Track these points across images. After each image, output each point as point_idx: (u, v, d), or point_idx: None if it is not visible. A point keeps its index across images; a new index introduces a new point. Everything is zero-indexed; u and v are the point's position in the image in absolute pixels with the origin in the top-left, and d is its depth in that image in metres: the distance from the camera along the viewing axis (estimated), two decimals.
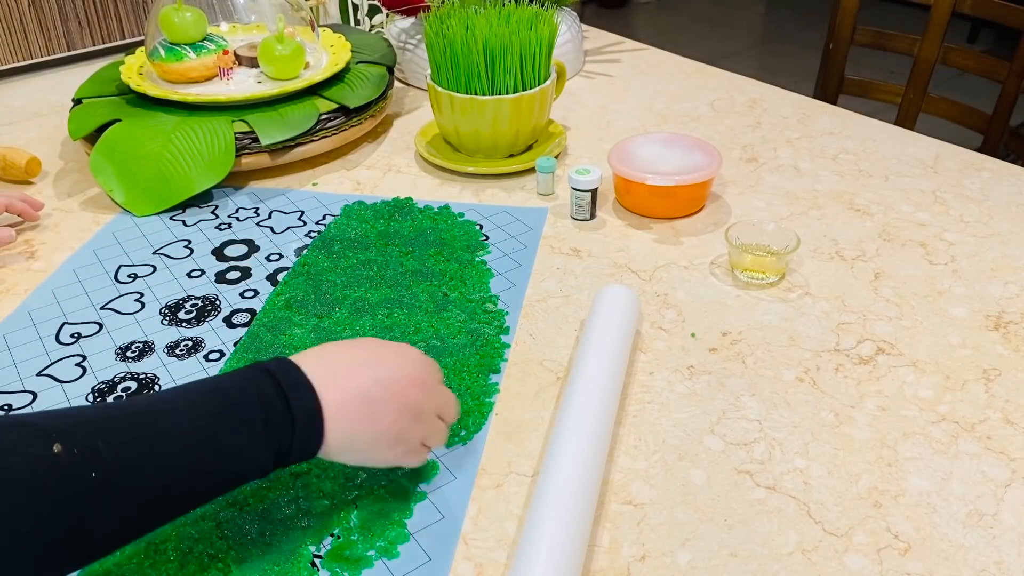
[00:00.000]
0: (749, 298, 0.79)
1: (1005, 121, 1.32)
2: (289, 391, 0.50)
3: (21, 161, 0.98)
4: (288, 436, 0.50)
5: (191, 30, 1.04)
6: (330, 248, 0.86)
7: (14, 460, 0.42)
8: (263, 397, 0.49)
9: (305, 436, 0.50)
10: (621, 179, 0.91)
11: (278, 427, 0.49)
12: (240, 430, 0.48)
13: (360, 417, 0.52)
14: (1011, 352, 0.72)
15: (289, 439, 0.50)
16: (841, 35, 1.44)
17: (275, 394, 0.50)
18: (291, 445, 0.50)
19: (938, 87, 1.36)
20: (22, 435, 0.43)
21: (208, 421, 0.48)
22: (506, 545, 0.56)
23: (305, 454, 0.51)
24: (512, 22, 0.95)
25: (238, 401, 0.49)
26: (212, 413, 0.48)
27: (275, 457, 0.50)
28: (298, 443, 0.50)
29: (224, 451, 0.48)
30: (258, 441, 0.49)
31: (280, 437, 0.49)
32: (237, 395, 0.49)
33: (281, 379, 0.51)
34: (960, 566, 0.55)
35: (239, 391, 0.50)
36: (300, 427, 0.50)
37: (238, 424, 0.48)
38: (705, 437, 0.64)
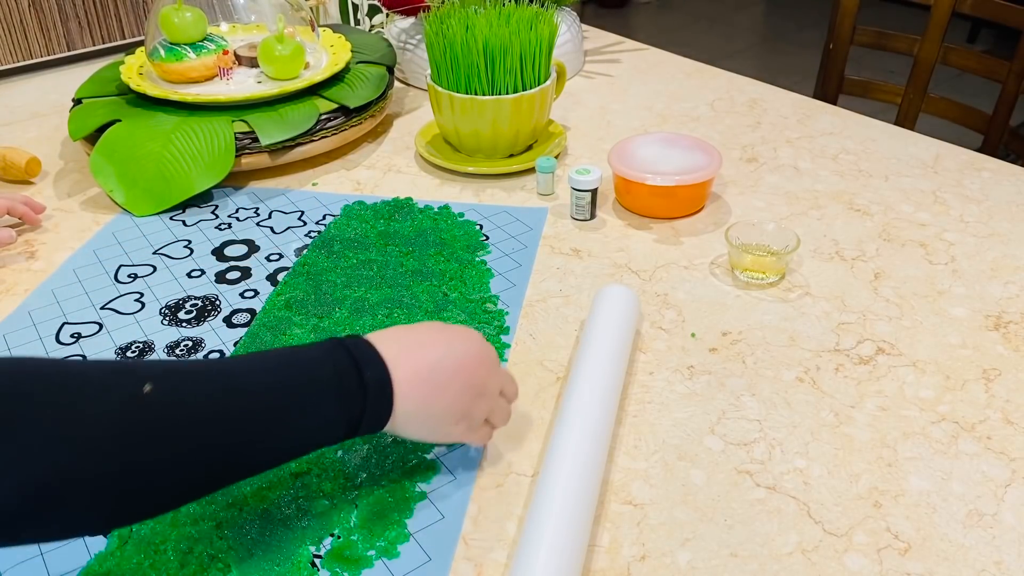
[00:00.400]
0: (749, 298, 0.79)
1: (1005, 121, 1.32)
2: (362, 362, 0.52)
3: (21, 161, 0.98)
4: (360, 405, 0.52)
5: (191, 30, 1.04)
6: (330, 248, 0.86)
7: (109, 397, 0.45)
8: (338, 366, 0.52)
9: (376, 406, 0.52)
10: (621, 179, 0.91)
11: (351, 395, 0.51)
12: (315, 395, 0.50)
13: (428, 391, 0.54)
14: (1011, 352, 0.72)
15: (361, 408, 0.52)
16: (841, 35, 1.44)
17: (349, 364, 0.52)
18: (362, 414, 0.52)
19: (938, 87, 1.36)
20: (118, 377, 0.46)
21: (286, 384, 0.50)
22: (506, 545, 0.56)
23: (375, 424, 0.53)
24: (512, 22, 0.95)
25: (314, 368, 0.51)
26: (290, 377, 0.51)
27: (346, 425, 0.51)
28: (369, 413, 0.52)
29: (300, 413, 0.50)
30: (331, 407, 0.51)
31: (352, 406, 0.51)
32: (314, 363, 0.52)
33: (354, 351, 0.53)
34: (960, 566, 0.55)
35: (316, 360, 0.52)
36: (372, 397, 0.52)
37: (314, 389, 0.50)
38: (705, 437, 0.64)
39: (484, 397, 0.57)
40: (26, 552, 0.56)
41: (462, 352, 0.56)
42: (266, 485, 0.60)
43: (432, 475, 0.61)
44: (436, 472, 0.61)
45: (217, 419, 0.47)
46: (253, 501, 0.58)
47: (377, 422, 0.53)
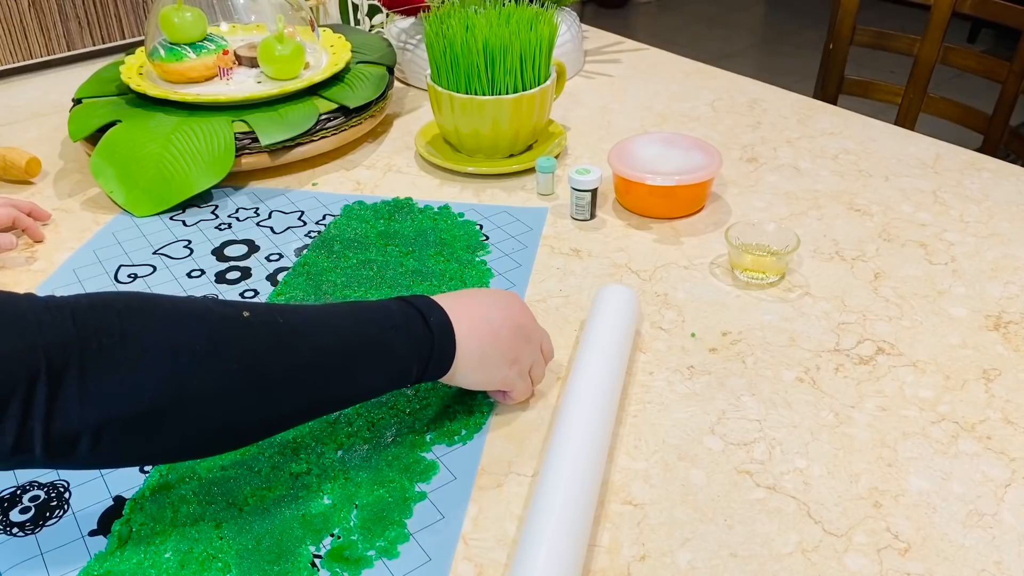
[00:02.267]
0: (749, 298, 0.79)
1: (1005, 121, 1.32)
2: (425, 311, 0.58)
3: (21, 161, 0.98)
4: (428, 347, 0.57)
5: (191, 30, 1.04)
6: (330, 248, 0.86)
7: (213, 316, 0.51)
8: (406, 313, 0.58)
9: (442, 346, 0.58)
10: (621, 179, 0.91)
11: (420, 337, 0.57)
12: (390, 334, 0.56)
13: (485, 335, 0.60)
14: (1011, 352, 0.72)
15: (429, 349, 0.57)
16: (841, 35, 1.44)
17: (414, 312, 0.58)
18: (430, 355, 0.58)
19: (938, 87, 1.36)
20: (220, 304, 0.52)
21: (364, 325, 0.56)
22: (506, 545, 0.56)
23: (443, 363, 0.59)
24: (512, 22, 0.95)
25: (387, 313, 0.57)
26: (366, 321, 0.56)
27: (418, 362, 0.57)
28: (436, 355, 0.58)
29: (380, 351, 0.56)
30: (405, 345, 0.57)
31: (422, 346, 0.57)
32: (384, 309, 0.58)
33: (416, 303, 0.59)
34: (960, 566, 0.55)
35: (385, 307, 0.58)
36: (438, 340, 0.58)
37: (389, 328, 0.56)
38: (705, 437, 0.64)
39: (530, 343, 0.64)
40: (26, 552, 0.56)
41: (508, 303, 0.64)
42: (266, 485, 0.60)
43: (432, 475, 0.61)
44: (436, 472, 0.61)
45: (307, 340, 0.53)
46: (253, 501, 0.59)
47: (443, 363, 0.59)
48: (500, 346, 0.61)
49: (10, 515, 0.58)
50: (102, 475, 0.61)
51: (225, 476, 0.60)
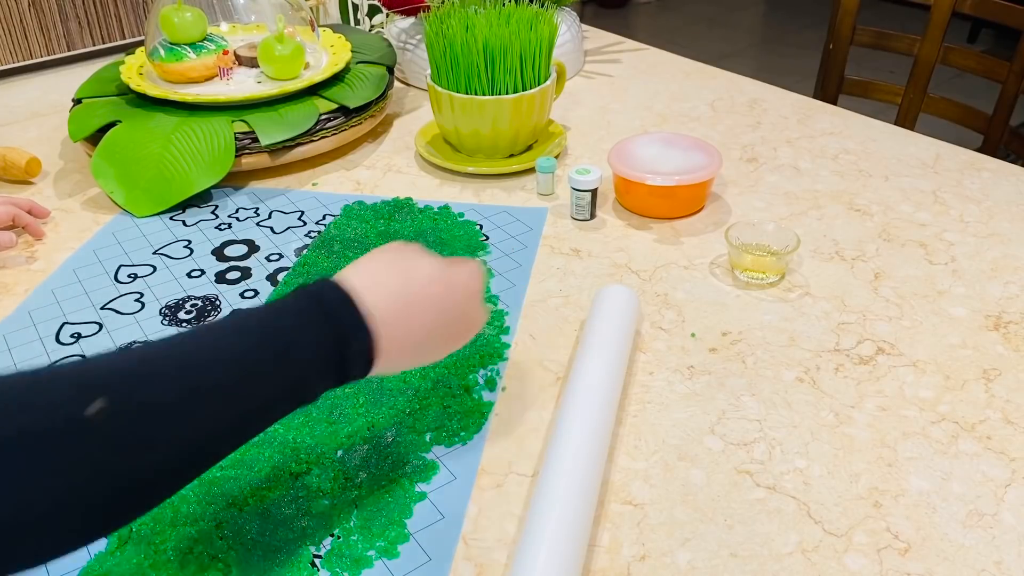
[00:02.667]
0: (749, 298, 0.79)
1: (1005, 121, 1.32)
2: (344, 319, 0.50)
3: (21, 161, 0.98)
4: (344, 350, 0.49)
5: (191, 30, 1.04)
6: (330, 248, 0.86)
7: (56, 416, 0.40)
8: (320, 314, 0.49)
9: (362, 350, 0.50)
10: (621, 179, 0.91)
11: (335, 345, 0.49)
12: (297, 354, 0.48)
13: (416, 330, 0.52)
14: (1011, 352, 0.72)
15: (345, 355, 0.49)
16: (841, 35, 1.44)
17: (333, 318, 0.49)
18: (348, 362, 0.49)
19: (938, 87, 1.36)
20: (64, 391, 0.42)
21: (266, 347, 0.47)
22: (506, 545, 0.56)
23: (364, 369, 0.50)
24: (512, 22, 0.95)
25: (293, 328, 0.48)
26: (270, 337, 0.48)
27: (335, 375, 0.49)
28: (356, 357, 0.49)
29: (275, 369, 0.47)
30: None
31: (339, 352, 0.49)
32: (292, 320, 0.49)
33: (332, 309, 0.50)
34: (960, 566, 0.55)
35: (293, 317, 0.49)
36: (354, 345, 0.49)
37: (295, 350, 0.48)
38: (705, 437, 0.64)
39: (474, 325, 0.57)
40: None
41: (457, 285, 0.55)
42: (266, 485, 0.60)
43: (432, 475, 0.61)
44: (436, 472, 0.61)
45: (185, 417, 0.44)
46: (253, 501, 0.58)
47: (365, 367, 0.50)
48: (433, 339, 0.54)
49: None
50: None
51: (225, 476, 0.60)
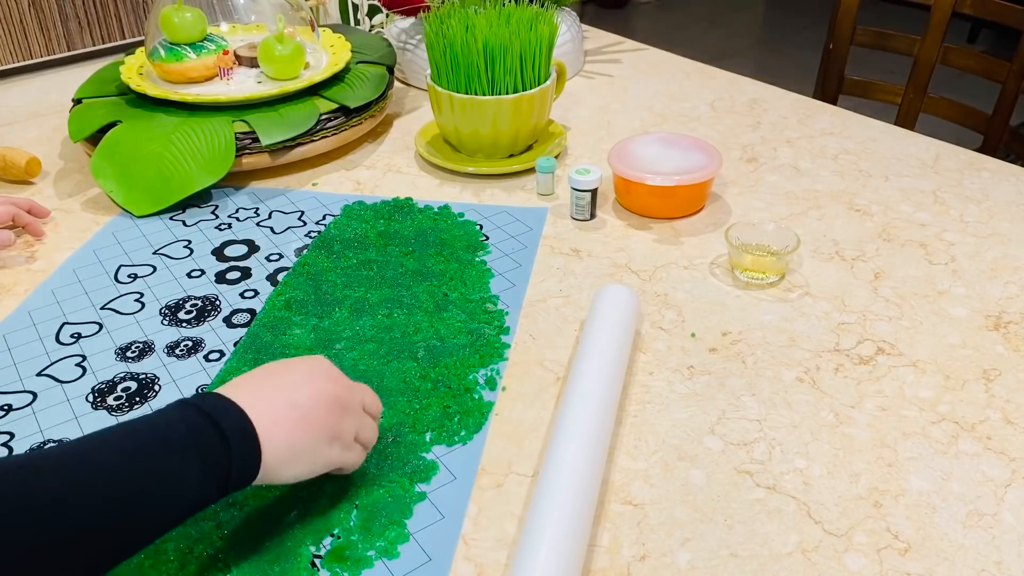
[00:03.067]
0: (749, 298, 0.79)
1: (1005, 121, 1.32)
2: (216, 414, 0.49)
3: (21, 161, 0.98)
4: (225, 456, 0.49)
5: (191, 30, 1.04)
6: (330, 248, 0.86)
7: None
8: (191, 424, 0.49)
9: (243, 452, 0.49)
10: (621, 179, 0.91)
11: (212, 449, 0.48)
12: (171, 457, 0.47)
13: (293, 422, 0.52)
14: (1011, 352, 0.72)
15: (227, 459, 0.49)
16: (841, 35, 1.44)
17: (202, 419, 0.49)
18: (230, 465, 0.49)
19: (938, 87, 1.35)
20: None
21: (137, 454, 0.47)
22: (506, 545, 0.56)
23: (247, 472, 0.50)
24: (512, 22, 0.95)
25: (165, 432, 0.48)
26: (139, 445, 0.47)
27: (216, 481, 0.48)
28: (237, 461, 0.49)
29: (158, 481, 0.47)
30: (193, 465, 0.47)
31: (216, 458, 0.48)
32: (163, 427, 0.48)
33: (204, 406, 0.50)
34: (960, 566, 0.55)
35: (164, 423, 0.49)
36: (236, 445, 0.49)
37: (168, 452, 0.47)
38: (705, 437, 0.64)
39: (349, 412, 0.56)
40: None
41: (311, 374, 0.55)
42: (266, 485, 0.60)
43: (432, 475, 0.61)
44: (436, 472, 0.61)
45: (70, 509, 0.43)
46: (253, 501, 0.58)
47: (248, 469, 0.50)
48: (313, 430, 0.53)
49: None
50: None
51: None
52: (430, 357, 0.71)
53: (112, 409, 0.67)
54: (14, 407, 0.68)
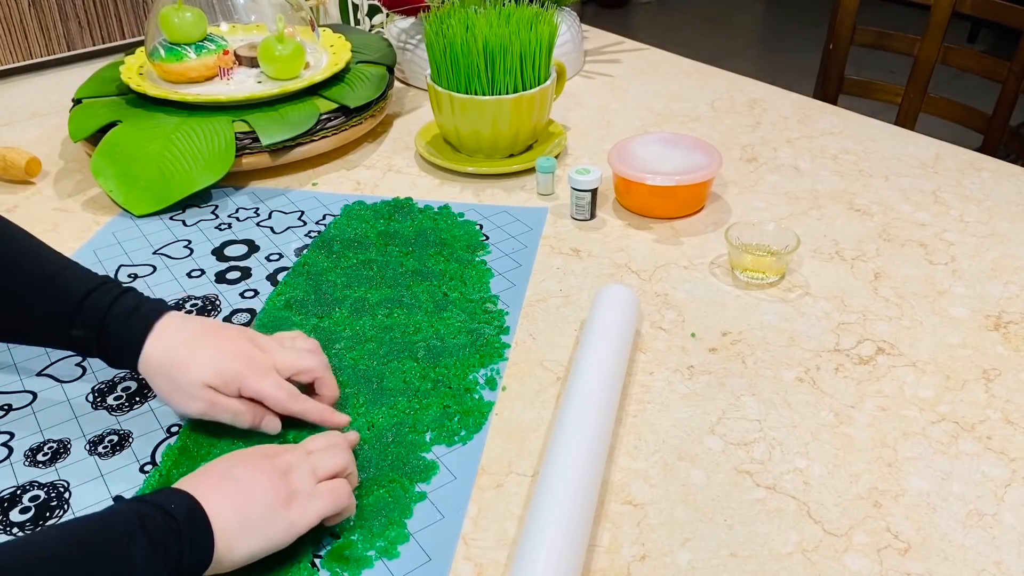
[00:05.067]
0: (749, 298, 0.79)
1: (1005, 121, 1.32)
2: (161, 501, 0.49)
3: (21, 161, 0.98)
4: (175, 536, 0.48)
5: (191, 30, 1.04)
6: (330, 248, 0.86)
7: None
8: (137, 511, 0.48)
9: (193, 531, 0.49)
10: (621, 179, 0.91)
11: (160, 530, 0.47)
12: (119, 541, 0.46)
13: (235, 495, 0.51)
14: (1011, 352, 0.72)
15: (177, 538, 0.48)
16: (841, 35, 1.44)
17: (148, 507, 0.48)
18: (181, 548, 0.48)
19: (938, 87, 1.35)
20: None
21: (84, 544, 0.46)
22: (506, 545, 0.56)
23: (201, 552, 0.49)
24: (512, 22, 0.95)
25: (111, 520, 0.47)
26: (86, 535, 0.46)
27: (166, 564, 0.47)
28: (188, 540, 0.48)
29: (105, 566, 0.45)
30: (141, 548, 0.46)
31: (167, 543, 0.47)
32: (109, 516, 0.47)
33: (148, 498, 0.49)
34: (960, 566, 0.55)
35: (111, 512, 0.48)
36: (184, 523, 0.48)
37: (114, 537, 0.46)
38: (705, 437, 0.64)
39: (293, 467, 0.55)
40: None
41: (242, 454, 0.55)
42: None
43: (432, 475, 0.61)
44: (436, 472, 0.61)
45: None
46: None
47: (202, 551, 0.49)
48: (259, 498, 0.52)
49: (10, 515, 0.58)
50: (102, 475, 0.61)
51: None
52: (430, 357, 0.71)
53: (112, 409, 0.67)
54: (14, 407, 0.68)
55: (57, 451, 0.64)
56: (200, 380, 0.60)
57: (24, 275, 0.62)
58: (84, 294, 0.62)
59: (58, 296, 0.62)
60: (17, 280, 0.62)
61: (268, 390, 0.62)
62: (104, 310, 0.62)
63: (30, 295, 0.62)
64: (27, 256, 0.64)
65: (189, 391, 0.61)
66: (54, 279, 0.62)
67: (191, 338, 0.62)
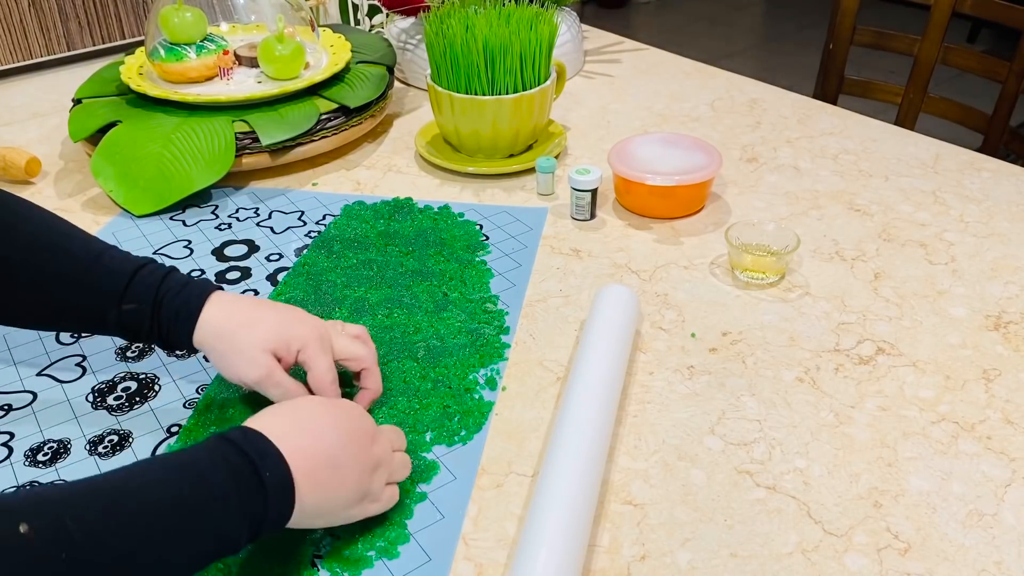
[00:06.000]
0: (749, 298, 0.79)
1: (1005, 121, 1.32)
2: (259, 462, 0.49)
3: (21, 161, 0.98)
4: (261, 508, 0.48)
5: (191, 30, 1.04)
6: (330, 248, 0.86)
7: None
8: (234, 471, 0.48)
9: (278, 507, 0.49)
10: (621, 179, 0.91)
11: (251, 500, 0.48)
12: (212, 507, 0.46)
13: (329, 482, 0.52)
14: (1011, 352, 0.72)
15: (263, 511, 0.48)
16: (841, 35, 1.44)
17: (246, 468, 0.48)
18: (264, 517, 0.48)
19: (938, 87, 1.36)
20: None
21: (179, 499, 0.46)
22: (506, 545, 0.56)
23: (277, 524, 0.50)
24: (512, 22, 0.95)
25: (208, 477, 0.47)
26: (182, 491, 0.46)
27: (248, 532, 0.48)
28: (271, 515, 0.49)
29: (196, 529, 0.46)
30: (232, 517, 0.47)
31: (254, 509, 0.48)
32: (208, 471, 0.47)
33: (249, 451, 0.49)
34: (960, 566, 0.55)
35: (209, 467, 0.48)
36: (273, 498, 0.49)
37: (210, 500, 0.46)
38: (705, 437, 0.64)
39: (380, 467, 0.55)
40: None
41: (352, 430, 0.54)
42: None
43: (432, 475, 0.61)
44: (436, 472, 0.61)
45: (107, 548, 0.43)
46: None
47: (279, 522, 0.50)
48: (346, 490, 0.52)
49: None
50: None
51: None
52: (430, 357, 0.71)
53: (112, 409, 0.67)
54: (14, 407, 0.68)
55: (57, 451, 0.64)
56: (264, 342, 0.60)
57: (70, 257, 0.62)
58: (135, 269, 0.62)
59: (108, 272, 0.62)
60: (65, 262, 0.62)
61: (322, 367, 0.61)
62: (158, 282, 0.62)
63: (80, 274, 0.61)
64: (71, 239, 0.64)
65: (250, 354, 0.60)
66: (100, 257, 0.62)
67: (253, 304, 0.63)
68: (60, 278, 0.61)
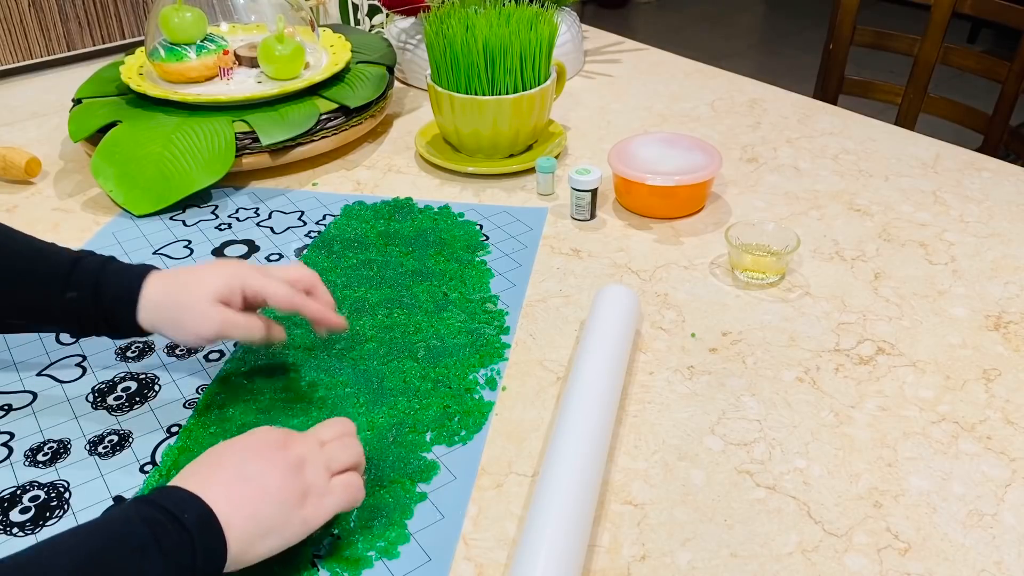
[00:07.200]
0: (749, 298, 0.79)
1: (1005, 121, 1.32)
2: (173, 507, 0.48)
3: (21, 161, 0.98)
4: (188, 549, 0.47)
5: (191, 30, 1.04)
6: (330, 248, 0.86)
7: None
8: (148, 520, 0.46)
9: (207, 542, 0.47)
10: (621, 179, 0.91)
11: (173, 544, 0.46)
12: (131, 559, 0.45)
13: (251, 497, 0.50)
14: (1011, 352, 0.72)
15: (191, 552, 0.47)
16: (841, 35, 1.44)
17: (160, 514, 0.47)
18: (195, 558, 0.47)
19: (938, 87, 1.36)
20: None
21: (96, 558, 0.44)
22: (506, 545, 0.56)
23: (214, 563, 0.48)
24: (512, 22, 0.95)
25: (121, 531, 0.46)
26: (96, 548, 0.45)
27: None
28: (202, 553, 0.47)
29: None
30: (155, 566, 0.45)
31: (180, 555, 0.46)
32: (119, 526, 0.46)
33: (160, 500, 0.48)
34: (960, 566, 0.55)
35: (120, 522, 0.46)
36: (198, 535, 0.47)
37: (127, 553, 0.45)
38: (705, 437, 0.64)
39: (308, 461, 0.53)
40: None
41: (251, 443, 0.53)
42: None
43: (432, 475, 0.61)
44: (436, 472, 0.61)
45: None
46: None
47: (215, 560, 0.48)
48: (275, 498, 0.50)
49: (10, 515, 0.58)
50: (102, 475, 0.61)
51: None
52: (430, 357, 0.71)
53: (112, 409, 0.68)
54: (14, 407, 0.68)
55: (57, 451, 0.64)
56: (210, 294, 0.62)
57: (10, 253, 0.64)
58: (74, 260, 0.63)
59: (49, 263, 0.63)
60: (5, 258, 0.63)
61: (272, 287, 0.63)
62: (97, 269, 0.63)
63: (22, 268, 0.63)
64: (11, 238, 0.65)
65: (200, 309, 0.61)
66: (40, 252, 0.64)
67: (186, 270, 0.64)
68: (2, 272, 0.63)
